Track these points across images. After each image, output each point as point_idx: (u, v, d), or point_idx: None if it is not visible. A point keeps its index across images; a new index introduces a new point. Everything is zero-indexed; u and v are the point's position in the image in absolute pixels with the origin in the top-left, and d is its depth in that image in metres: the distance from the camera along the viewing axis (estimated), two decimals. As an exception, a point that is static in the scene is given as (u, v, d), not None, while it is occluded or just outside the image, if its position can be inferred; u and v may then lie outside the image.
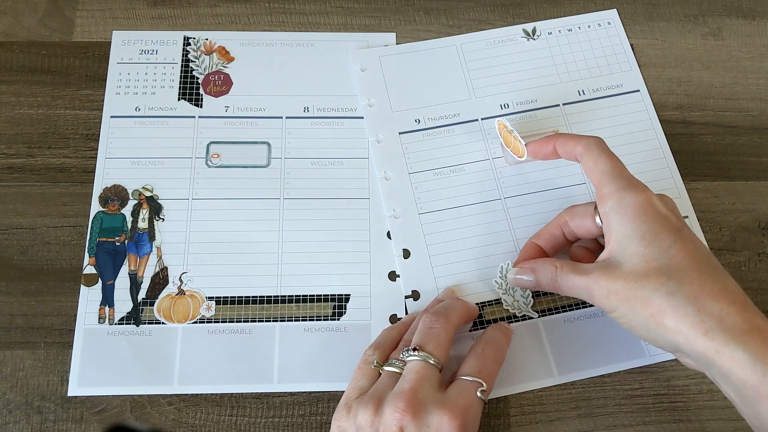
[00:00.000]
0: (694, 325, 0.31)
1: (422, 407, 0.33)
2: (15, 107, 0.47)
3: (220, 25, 0.50)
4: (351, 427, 0.34)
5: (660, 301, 0.32)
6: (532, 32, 0.51)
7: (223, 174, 0.46)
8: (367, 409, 0.34)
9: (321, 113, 0.48)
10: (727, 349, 0.31)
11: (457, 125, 0.47)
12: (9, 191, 0.45)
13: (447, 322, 0.37)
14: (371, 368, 0.37)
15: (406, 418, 0.32)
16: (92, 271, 0.43)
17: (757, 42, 0.52)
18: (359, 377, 0.37)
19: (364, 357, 0.38)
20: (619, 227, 0.35)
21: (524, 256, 0.41)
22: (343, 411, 0.35)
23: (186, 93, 0.48)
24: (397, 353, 0.37)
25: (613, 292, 0.34)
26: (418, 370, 0.34)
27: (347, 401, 0.36)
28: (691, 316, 0.32)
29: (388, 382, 0.35)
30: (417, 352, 0.35)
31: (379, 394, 0.34)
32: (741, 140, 0.48)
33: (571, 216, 0.39)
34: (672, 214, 0.35)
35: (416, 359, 0.35)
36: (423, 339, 0.36)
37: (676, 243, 0.33)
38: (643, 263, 0.33)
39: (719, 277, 0.33)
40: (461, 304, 0.40)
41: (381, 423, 0.33)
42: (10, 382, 0.40)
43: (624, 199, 0.35)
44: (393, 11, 0.51)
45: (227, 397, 0.40)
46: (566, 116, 0.48)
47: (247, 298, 0.42)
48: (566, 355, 0.41)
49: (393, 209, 0.45)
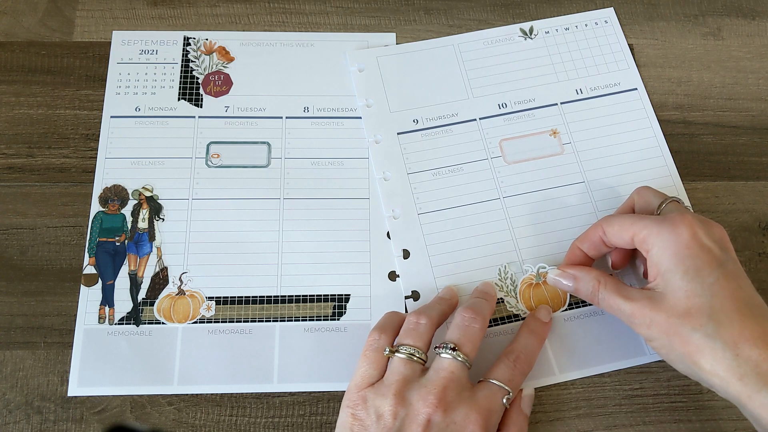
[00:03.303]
0: (730, 370, 0.32)
1: (453, 404, 0.34)
2: (15, 107, 0.47)
3: (220, 25, 0.50)
4: (370, 417, 0.34)
5: (699, 342, 0.32)
6: (530, 31, 0.51)
7: (223, 174, 0.46)
8: (386, 399, 0.34)
9: (321, 113, 0.48)
10: (759, 395, 0.31)
11: (456, 125, 0.47)
12: (9, 191, 0.45)
13: (484, 321, 0.38)
14: (380, 355, 0.37)
15: (437, 413, 0.33)
16: (92, 271, 0.43)
17: (757, 42, 0.52)
18: (368, 365, 0.37)
19: (370, 342, 0.37)
20: (661, 261, 0.35)
21: (570, 259, 0.41)
22: (357, 400, 0.35)
23: (186, 93, 0.48)
24: (406, 338, 0.37)
25: (654, 323, 0.34)
26: (453, 370, 0.35)
27: (359, 389, 0.36)
28: (728, 360, 0.32)
29: (405, 372, 0.35)
30: (456, 351, 0.36)
31: (398, 384, 0.35)
32: (741, 140, 0.48)
33: (608, 226, 0.38)
34: (716, 246, 0.35)
35: (450, 358, 0.35)
36: (461, 338, 0.36)
37: (719, 280, 0.33)
38: (685, 299, 0.33)
39: (760, 320, 0.33)
40: (491, 305, 0.40)
41: (407, 414, 0.34)
42: (10, 382, 0.40)
43: (663, 233, 0.35)
44: (393, 11, 0.52)
45: (227, 397, 0.40)
46: (564, 115, 0.48)
47: (247, 298, 0.42)
48: (567, 353, 0.41)
49: (392, 210, 0.45)
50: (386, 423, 0.34)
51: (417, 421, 0.33)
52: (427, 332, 0.37)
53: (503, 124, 0.47)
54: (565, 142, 0.47)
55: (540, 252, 0.44)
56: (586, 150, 0.47)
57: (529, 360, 0.38)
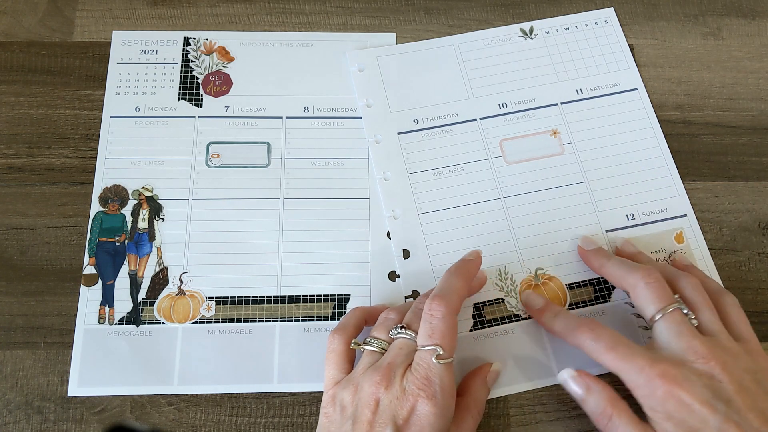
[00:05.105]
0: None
1: (394, 379, 0.34)
2: (15, 107, 0.47)
3: (220, 25, 0.50)
4: (336, 411, 0.35)
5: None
6: (530, 31, 0.51)
7: (223, 174, 0.46)
8: (347, 390, 0.35)
9: (321, 113, 0.48)
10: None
11: (456, 125, 0.47)
12: (9, 191, 0.45)
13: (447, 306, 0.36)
14: (340, 356, 0.37)
15: (381, 390, 0.34)
16: (92, 271, 0.43)
17: (757, 42, 0.52)
18: (330, 368, 0.37)
19: (328, 345, 0.38)
20: (655, 422, 0.34)
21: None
22: (327, 399, 0.36)
23: (186, 93, 0.48)
24: (375, 332, 0.38)
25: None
26: (401, 347, 0.36)
27: (327, 390, 0.37)
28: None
29: (369, 363, 0.36)
30: (405, 330, 0.36)
31: (358, 373, 0.36)
32: (741, 140, 0.48)
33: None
34: (707, 393, 0.32)
35: (400, 337, 0.36)
36: (412, 318, 0.37)
37: (721, 425, 0.32)
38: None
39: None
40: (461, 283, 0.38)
41: (360, 398, 0.34)
42: (10, 382, 0.40)
43: (652, 398, 0.34)
44: (393, 11, 0.51)
45: (227, 397, 0.40)
46: (564, 115, 0.48)
47: (247, 298, 0.42)
48: (566, 355, 0.41)
49: (393, 209, 0.45)
50: (347, 413, 0.34)
51: (367, 404, 0.34)
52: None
53: (503, 124, 0.47)
54: (566, 142, 0.47)
55: (540, 252, 0.44)
56: (587, 150, 0.47)
57: (449, 303, 0.35)
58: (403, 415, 0.33)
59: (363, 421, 0.33)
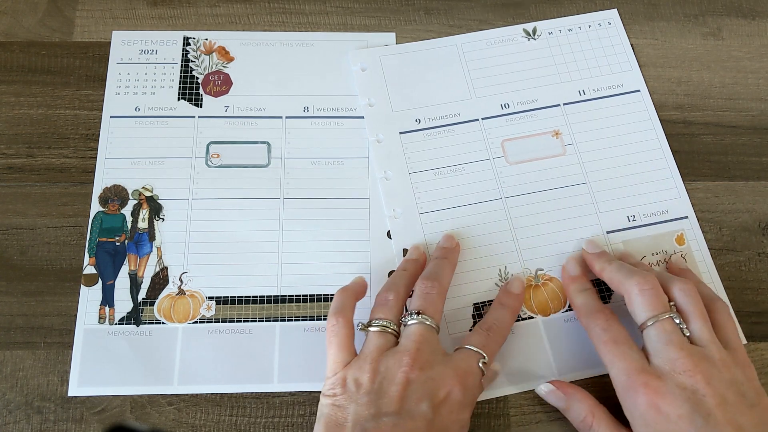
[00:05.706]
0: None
1: (428, 363, 0.35)
2: (15, 107, 0.47)
3: (220, 25, 0.50)
4: (349, 389, 0.35)
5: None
6: (533, 32, 0.51)
7: (223, 174, 0.46)
8: (364, 368, 0.35)
9: (321, 113, 0.48)
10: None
11: (458, 125, 0.47)
12: (9, 191, 0.45)
13: (441, 285, 0.39)
14: (345, 339, 0.37)
15: (414, 371, 0.34)
16: (92, 271, 0.43)
17: (757, 42, 0.52)
18: (336, 350, 0.37)
19: (330, 328, 0.37)
20: (633, 425, 0.34)
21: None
22: (335, 381, 0.35)
23: (186, 93, 0.48)
24: (377, 313, 0.38)
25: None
26: (422, 332, 0.36)
27: (335, 372, 0.36)
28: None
29: (379, 342, 0.36)
30: (420, 315, 0.37)
31: (374, 353, 0.36)
32: (741, 140, 0.48)
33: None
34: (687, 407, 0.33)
35: (417, 323, 0.37)
36: (423, 304, 0.38)
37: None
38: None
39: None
40: (451, 260, 0.41)
41: (385, 377, 0.34)
42: (10, 382, 0.40)
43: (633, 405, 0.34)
44: (393, 11, 0.51)
45: (227, 397, 0.40)
46: (567, 116, 0.48)
47: (247, 298, 0.42)
48: (566, 355, 0.41)
49: (393, 209, 0.45)
50: (365, 388, 0.34)
51: (395, 381, 0.34)
52: (396, 305, 0.38)
53: (505, 125, 0.47)
54: (568, 143, 0.47)
55: (541, 253, 0.44)
56: (589, 151, 0.46)
57: (502, 331, 0.39)
58: (440, 395, 0.34)
59: (391, 395, 0.34)
